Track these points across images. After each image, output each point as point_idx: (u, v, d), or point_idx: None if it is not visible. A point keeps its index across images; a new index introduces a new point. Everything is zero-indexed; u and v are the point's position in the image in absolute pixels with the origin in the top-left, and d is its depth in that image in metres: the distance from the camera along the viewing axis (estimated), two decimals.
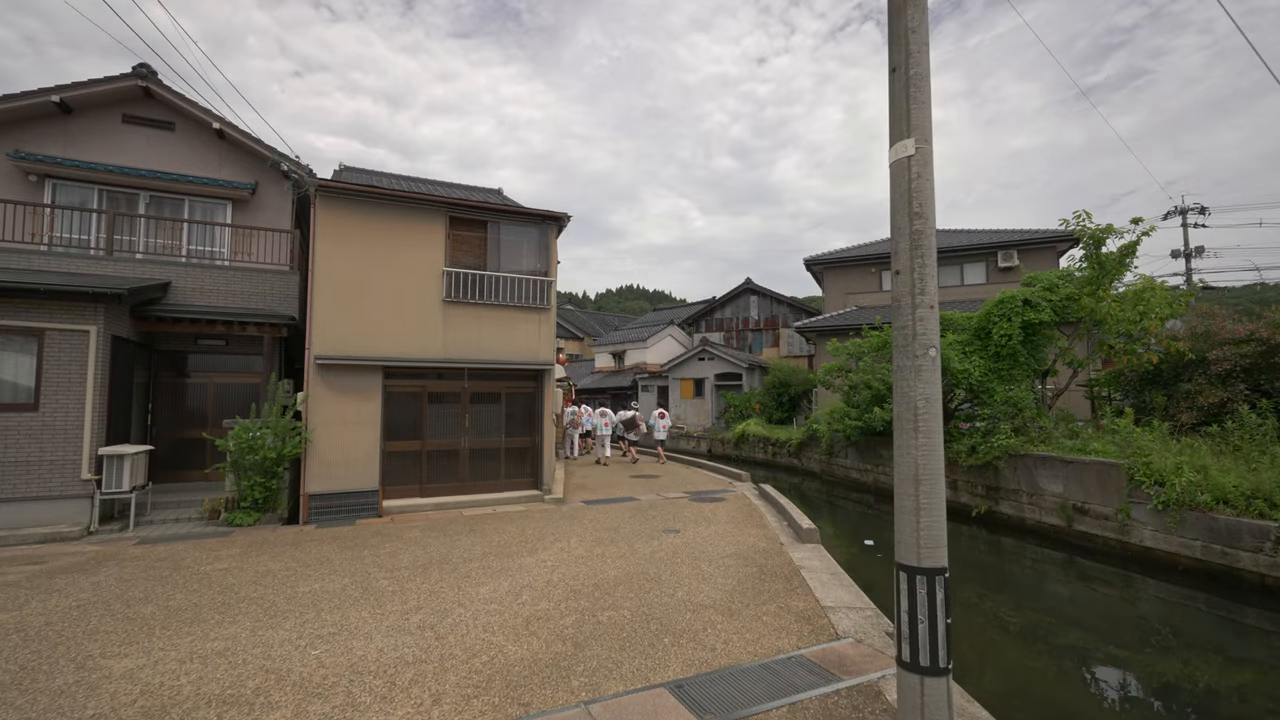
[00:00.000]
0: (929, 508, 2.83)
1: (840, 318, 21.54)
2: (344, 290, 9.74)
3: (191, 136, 12.16)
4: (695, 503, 10.64)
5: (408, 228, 10.28)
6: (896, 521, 3.00)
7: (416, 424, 10.41)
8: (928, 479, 2.85)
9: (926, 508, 2.83)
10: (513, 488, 11.05)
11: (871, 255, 23.32)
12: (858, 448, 16.02)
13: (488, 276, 10.79)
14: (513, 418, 11.20)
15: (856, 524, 12.54)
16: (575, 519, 9.29)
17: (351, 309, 9.77)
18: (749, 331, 34.08)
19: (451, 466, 10.63)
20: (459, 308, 10.55)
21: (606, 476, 14.16)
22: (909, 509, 2.88)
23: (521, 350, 11.02)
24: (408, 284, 10.19)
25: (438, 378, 10.63)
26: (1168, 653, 6.27)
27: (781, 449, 20.74)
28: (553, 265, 11.45)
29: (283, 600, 5.49)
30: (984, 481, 11.68)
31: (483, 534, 8.25)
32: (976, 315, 12.57)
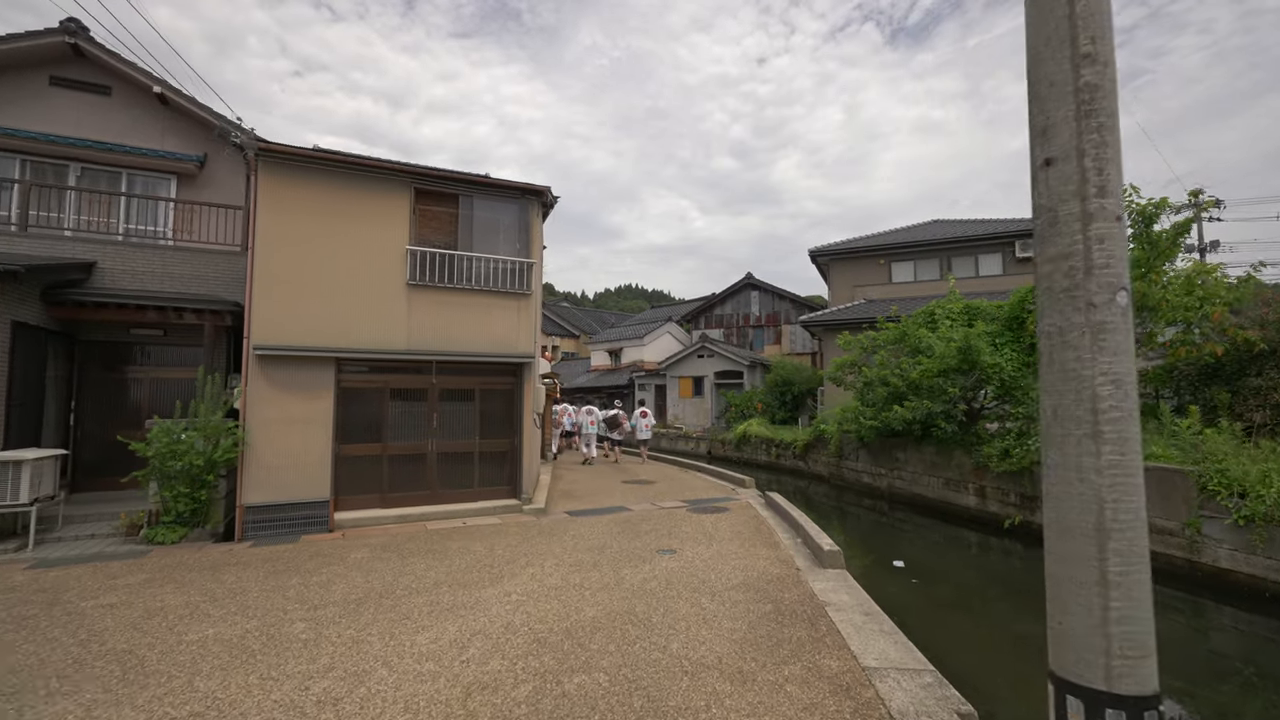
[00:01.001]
0: (1125, 583, 1.55)
1: (848, 311, 20.27)
2: (290, 271, 8.45)
3: (130, 102, 10.87)
4: (694, 514, 9.36)
5: (366, 201, 8.99)
6: (1052, 596, 1.72)
7: (376, 424, 9.12)
8: (1123, 530, 1.57)
9: (1120, 582, 1.55)
10: (488, 496, 9.76)
11: (880, 246, 22.05)
12: (870, 450, 14.76)
13: (459, 257, 9.50)
14: (488, 417, 9.91)
15: (876, 537, 11.27)
16: (556, 535, 8.01)
17: (298, 293, 8.48)
18: (750, 328, 32.83)
19: (417, 473, 9.34)
20: (426, 292, 9.26)
21: (596, 482, 12.88)
22: (1086, 581, 1.59)
23: (498, 341, 9.74)
24: (366, 265, 8.90)
25: (401, 372, 9.34)
26: (1251, 693, 5.05)
27: (786, 451, 19.47)
28: (534, 246, 10.16)
29: (156, 656, 4.20)
30: (1018, 489, 10.42)
31: (444, 555, 6.97)
32: (1008, 304, 11.32)
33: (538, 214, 10.27)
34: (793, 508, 8.90)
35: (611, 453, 17.12)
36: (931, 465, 12.63)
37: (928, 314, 12.47)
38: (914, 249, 21.56)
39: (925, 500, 12.82)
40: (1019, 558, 9.45)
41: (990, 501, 11.07)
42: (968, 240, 20.69)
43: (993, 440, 10.71)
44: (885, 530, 11.88)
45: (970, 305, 12.07)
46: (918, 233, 22.77)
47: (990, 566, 9.16)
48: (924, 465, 12.91)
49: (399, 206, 9.19)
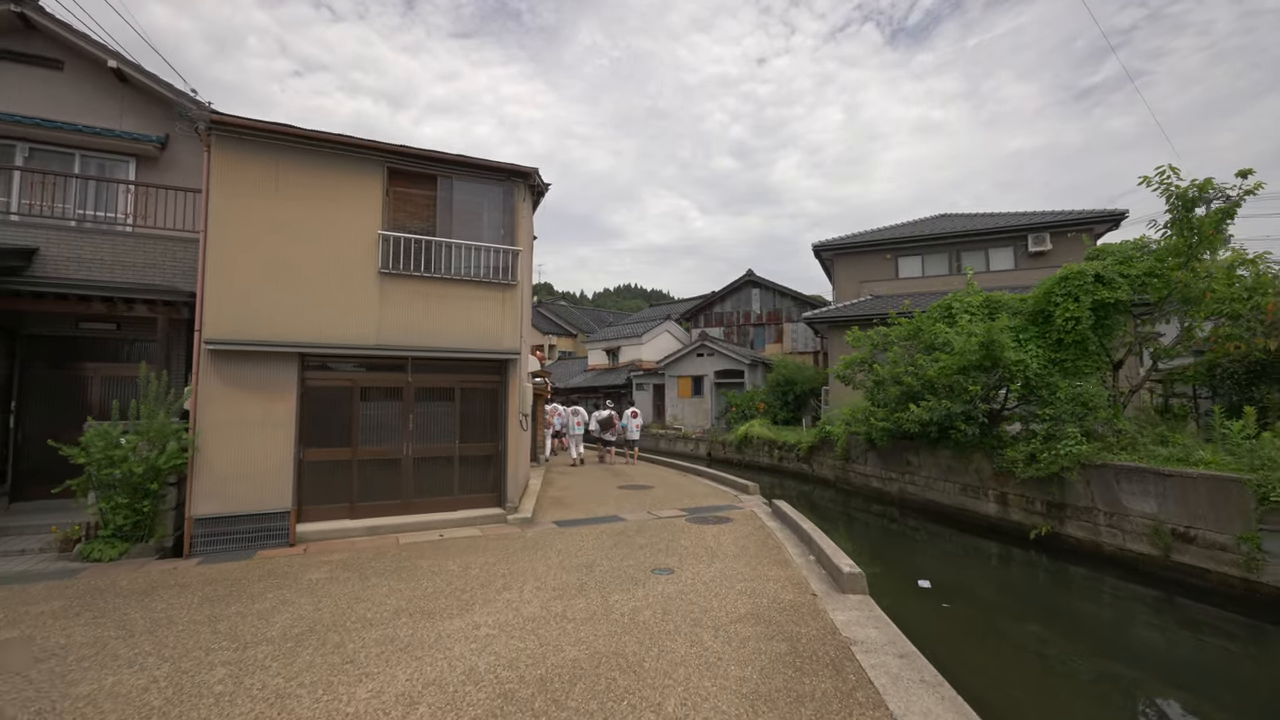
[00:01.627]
0: None
1: (854, 307, 19.47)
2: (247, 258, 7.64)
3: (85, 79, 10.06)
4: (694, 524, 8.56)
5: (334, 181, 8.17)
6: None
7: (345, 427, 8.30)
8: None
9: None
10: (469, 505, 8.96)
11: (887, 240, 21.25)
12: (879, 453, 13.95)
13: (437, 244, 8.69)
14: (470, 419, 9.10)
15: (890, 548, 10.46)
16: (540, 549, 7.20)
17: (257, 282, 7.67)
18: (751, 326, 32.02)
19: (391, 480, 8.53)
20: (400, 282, 8.45)
21: (589, 487, 12.07)
22: None
23: (480, 335, 8.93)
24: (333, 252, 8.09)
25: (373, 369, 8.53)
26: None
27: (789, 453, 18.67)
28: (520, 232, 9.35)
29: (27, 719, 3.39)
30: (1044, 496, 9.61)
31: (411, 575, 6.16)
32: (1032, 296, 10.51)
33: (524, 198, 9.46)
34: (803, 519, 8.10)
35: (606, 454, 16.75)
36: (947, 470, 11.83)
37: (944, 307, 11.67)
38: (922, 243, 20.76)
39: (940, 507, 12.03)
40: (1054, 574, 8.64)
41: (1013, 510, 10.26)
42: (978, 234, 19.91)
43: (1016, 443, 9.91)
44: (898, 540, 11.08)
45: (991, 298, 11.26)
46: (925, 227, 21.98)
47: (1026, 586, 8.31)
48: (939, 470, 12.11)
49: (370, 188, 8.38)
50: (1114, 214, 18.30)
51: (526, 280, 10.81)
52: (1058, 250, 18.91)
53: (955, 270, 20.30)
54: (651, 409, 29.22)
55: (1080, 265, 9.72)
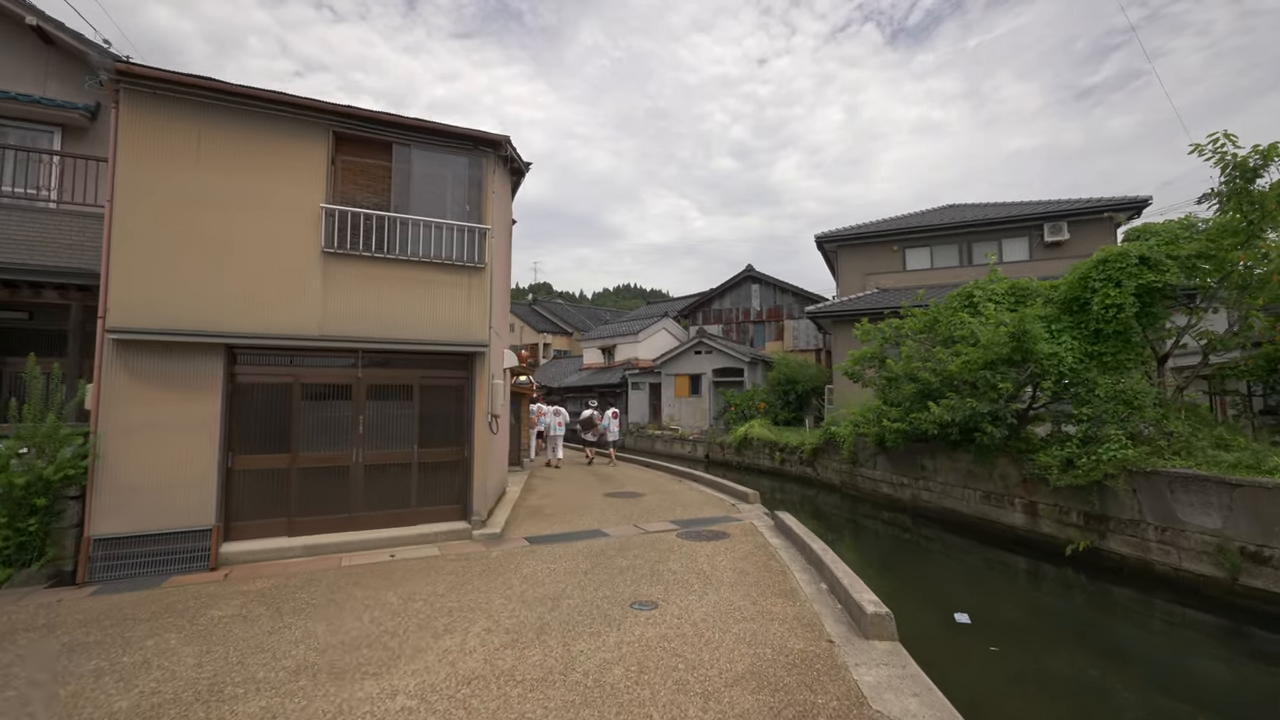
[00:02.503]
0: None
1: (860, 301, 18.38)
2: (163, 235, 6.54)
3: (3, 39, 8.96)
4: (686, 541, 7.46)
5: (269, 147, 7.07)
6: None
7: (282, 430, 7.21)
8: None
9: None
10: (429, 519, 7.86)
11: (894, 230, 20.15)
12: (890, 456, 12.86)
13: (392, 220, 7.60)
14: (431, 421, 8.00)
15: (910, 565, 9.36)
16: (503, 574, 6.11)
17: (175, 262, 6.57)
18: (750, 323, 30.94)
19: (337, 491, 7.43)
20: (348, 263, 7.36)
21: (573, 495, 10.97)
22: None
23: (443, 325, 7.83)
24: (268, 228, 7.00)
25: (316, 363, 7.44)
26: None
27: (792, 455, 17.58)
28: (490, 209, 8.24)
29: None
30: (1082, 507, 8.52)
31: (338, 611, 5.06)
32: (1064, 281, 9.42)
33: (494, 170, 8.36)
34: (811, 536, 6.99)
35: (591, 455, 16.46)
36: (967, 475, 10.74)
37: (964, 296, 10.57)
38: (930, 233, 19.67)
39: (958, 516, 10.93)
40: (1102, 599, 7.56)
41: (1044, 521, 9.17)
42: (990, 223, 18.81)
43: (1049, 447, 8.81)
44: (916, 554, 9.98)
45: (1017, 285, 10.17)
46: (933, 217, 20.89)
47: (1076, 615, 7.06)
48: (957, 475, 11.02)
49: (313, 155, 7.28)
50: (1136, 201, 17.22)
51: (503, 265, 9.72)
52: (1076, 240, 17.83)
53: (966, 261, 19.21)
54: (648, 409, 28.14)
55: (1121, 247, 8.63)
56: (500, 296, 9.39)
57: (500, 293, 9.38)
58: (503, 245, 9.68)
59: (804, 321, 28.58)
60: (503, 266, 9.72)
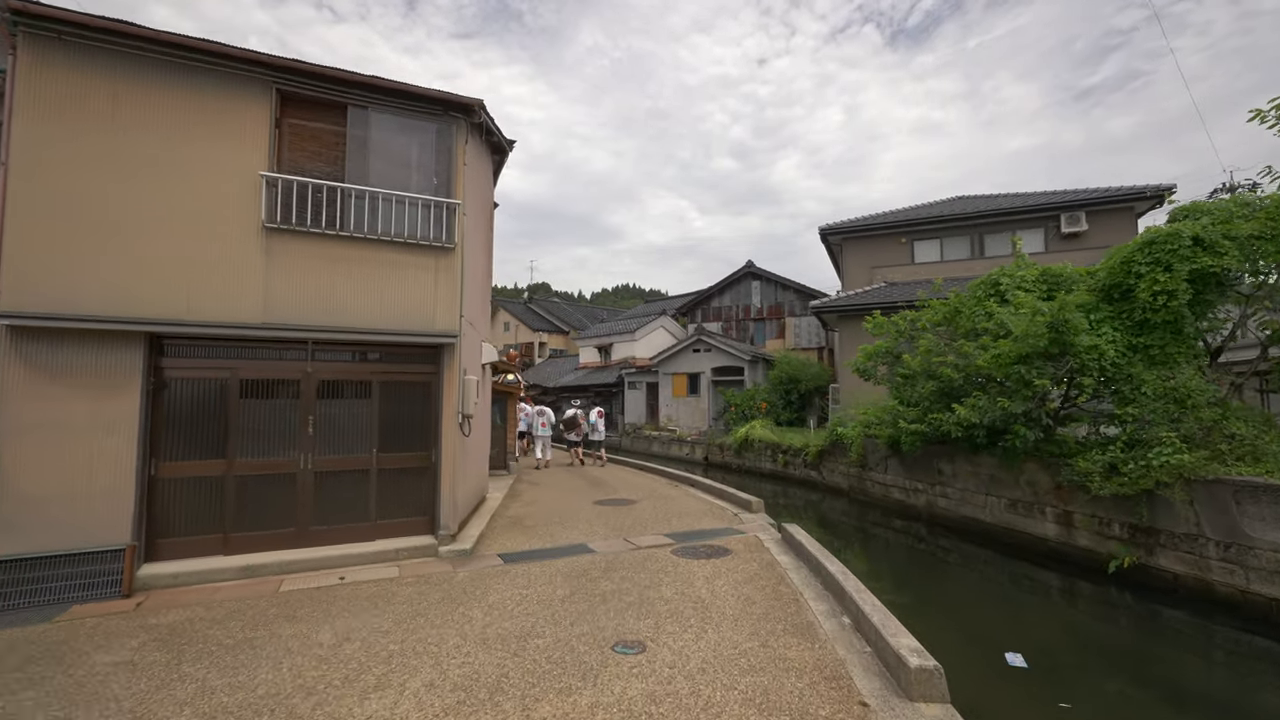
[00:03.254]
0: None
1: (866, 295, 17.46)
2: (69, 204, 5.59)
3: None
4: (682, 559, 6.53)
5: (202, 106, 6.13)
6: None
7: (218, 432, 6.26)
8: None
9: None
10: (391, 533, 6.91)
11: (902, 222, 19.24)
12: (903, 459, 11.93)
13: (347, 193, 6.66)
14: (393, 422, 7.06)
15: (933, 584, 8.42)
16: (464, 603, 5.16)
17: (85, 236, 5.62)
18: (751, 321, 30.01)
19: (283, 502, 6.49)
20: (296, 241, 6.42)
21: (560, 502, 10.03)
22: None
23: (407, 313, 6.89)
24: (199, 199, 6.05)
25: (258, 355, 6.49)
26: None
27: (795, 458, 16.64)
28: (460, 182, 7.30)
29: None
30: (1126, 518, 7.60)
31: (252, 656, 4.12)
32: (1102, 267, 8.49)
33: (465, 140, 7.41)
34: (827, 555, 6.05)
35: (578, 456, 15.88)
36: (990, 481, 9.81)
37: (989, 284, 9.63)
38: (940, 224, 18.76)
39: (979, 525, 10.00)
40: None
41: (1080, 533, 8.24)
42: (1004, 213, 17.89)
43: (1088, 451, 7.89)
44: (933, 567, 9.06)
45: (1049, 271, 9.24)
46: (942, 208, 19.97)
47: (1146, 650, 6.07)
48: (978, 481, 10.09)
49: (254, 117, 6.33)
50: (1159, 189, 16.31)
51: (480, 249, 8.78)
52: (1094, 231, 16.94)
53: (978, 254, 18.31)
54: (645, 409, 27.22)
55: (1170, 227, 7.70)
56: (476, 283, 8.45)
57: (476, 279, 8.45)
58: (480, 227, 8.75)
59: (806, 319, 27.68)
60: (479, 250, 8.78)
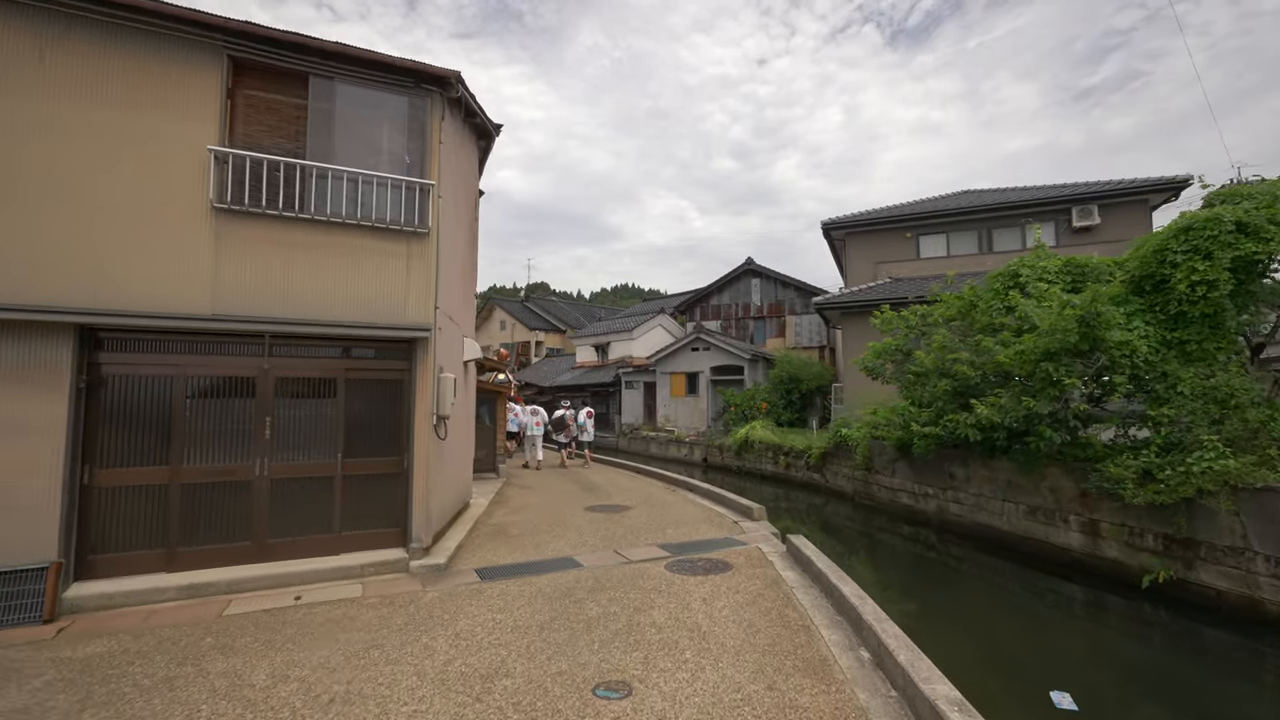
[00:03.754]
0: None
1: (871, 291, 16.84)
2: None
3: None
4: (677, 575, 5.91)
5: (141, 71, 5.50)
6: None
7: (162, 436, 5.63)
8: None
9: None
10: (357, 546, 6.28)
11: (907, 216, 18.63)
12: (912, 462, 11.32)
13: (309, 171, 6.03)
14: (361, 424, 6.43)
15: (949, 598, 7.80)
16: (429, 631, 4.54)
17: (12, 213, 5.01)
18: (750, 319, 29.40)
19: (236, 514, 5.86)
20: (250, 224, 5.80)
21: (550, 507, 9.41)
22: None
23: (375, 304, 6.27)
24: (139, 175, 5.43)
25: (207, 349, 5.87)
26: None
27: (797, 460, 16.03)
28: (434, 161, 6.68)
29: None
30: (1161, 529, 6.99)
31: (167, 701, 3.50)
32: (1132, 256, 7.88)
33: (440, 116, 6.78)
34: (840, 574, 5.42)
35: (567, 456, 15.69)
36: (1007, 486, 9.19)
37: (1008, 276, 9.01)
38: (947, 219, 18.16)
39: (995, 533, 9.40)
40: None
41: (1107, 544, 7.63)
42: (1013, 207, 17.29)
43: (1118, 455, 7.28)
44: (948, 579, 8.45)
45: (1074, 261, 8.61)
46: (949, 202, 19.36)
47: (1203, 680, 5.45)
48: (994, 486, 9.48)
49: (201, 85, 5.71)
50: (1174, 181, 15.72)
51: (460, 236, 8.16)
52: (1107, 225, 16.33)
53: (986, 249, 17.70)
54: (642, 409, 26.60)
55: (1209, 212, 7.09)
56: (455, 274, 7.82)
57: (455, 270, 7.82)
58: (461, 215, 8.13)
59: (807, 317, 27.08)
60: (460, 239, 8.16)
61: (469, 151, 8.49)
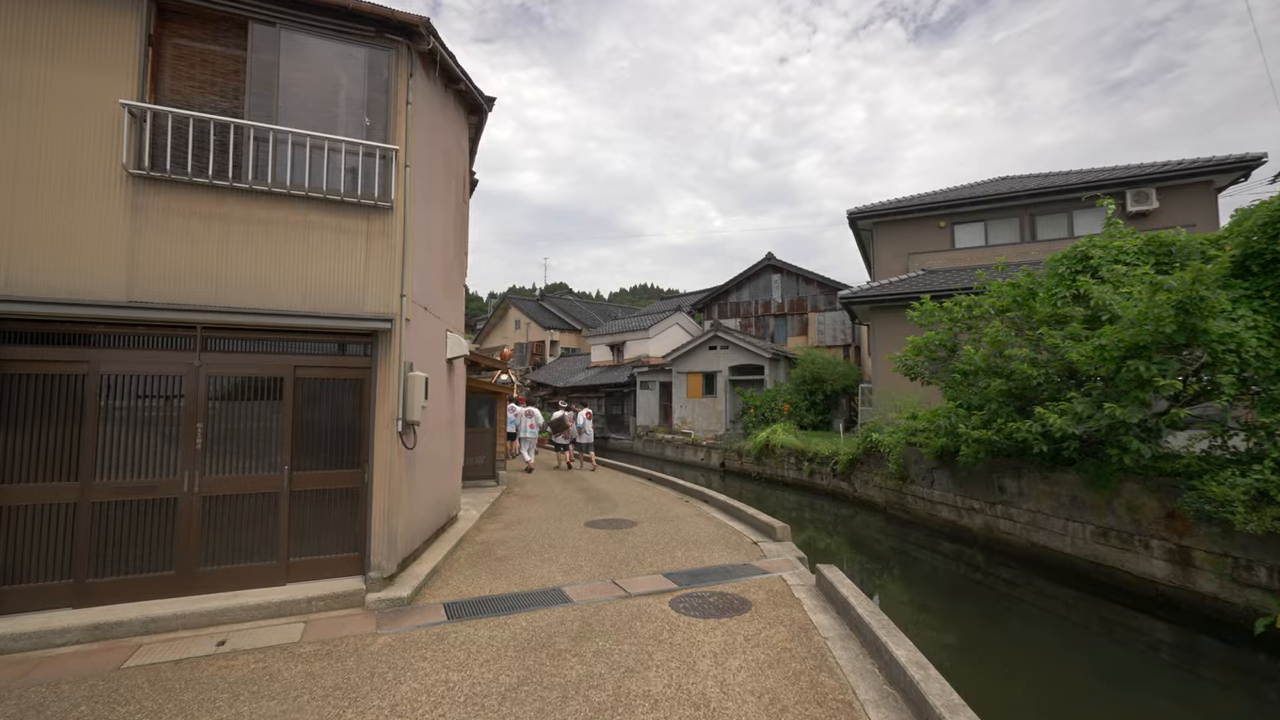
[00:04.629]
0: None
1: (903, 284, 15.56)
2: None
3: None
4: (684, 616, 4.85)
5: (39, 15, 4.63)
6: None
7: (69, 445, 4.74)
8: None
9: None
10: (308, 574, 5.34)
11: (941, 204, 17.27)
12: (954, 472, 10.10)
13: (246, 132, 5.10)
14: (313, 431, 5.48)
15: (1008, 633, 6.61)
16: (359, 702, 3.55)
17: None
18: (771, 317, 28.17)
19: (161, 536, 4.95)
20: (176, 194, 4.89)
21: (549, 521, 8.40)
22: None
23: (327, 289, 5.32)
24: (35, 134, 4.55)
25: (125, 342, 4.97)
26: None
27: (823, 467, 14.82)
28: (399, 124, 5.71)
29: None
30: (1276, 561, 5.74)
31: None
32: (1230, 231, 6.61)
33: (408, 72, 5.81)
34: (890, 628, 4.29)
35: (563, 458, 15.64)
36: (1072, 503, 7.96)
37: (1076, 258, 7.74)
38: (985, 205, 16.76)
39: (1056, 555, 8.17)
40: None
41: (1202, 575, 6.39)
42: (1060, 191, 15.84)
43: (1220, 471, 6.03)
44: (998, 607, 7.25)
45: (1157, 239, 7.34)
46: (987, 188, 17.96)
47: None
48: (1055, 502, 8.24)
49: (116, 32, 4.81)
50: (1245, 160, 14.19)
51: (443, 216, 7.18)
52: (1166, 210, 14.81)
53: (1029, 237, 16.30)
54: (658, 410, 25.53)
55: None
56: (434, 259, 6.84)
57: (434, 254, 6.84)
58: (440, 192, 7.15)
59: (830, 314, 25.77)
60: (439, 219, 7.17)
61: (453, 124, 7.53)
